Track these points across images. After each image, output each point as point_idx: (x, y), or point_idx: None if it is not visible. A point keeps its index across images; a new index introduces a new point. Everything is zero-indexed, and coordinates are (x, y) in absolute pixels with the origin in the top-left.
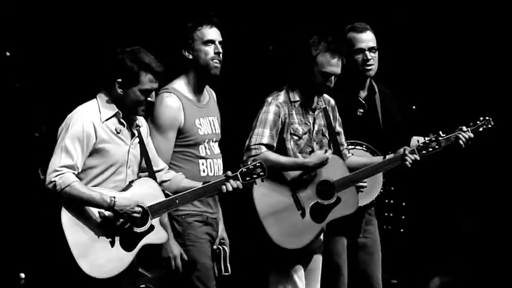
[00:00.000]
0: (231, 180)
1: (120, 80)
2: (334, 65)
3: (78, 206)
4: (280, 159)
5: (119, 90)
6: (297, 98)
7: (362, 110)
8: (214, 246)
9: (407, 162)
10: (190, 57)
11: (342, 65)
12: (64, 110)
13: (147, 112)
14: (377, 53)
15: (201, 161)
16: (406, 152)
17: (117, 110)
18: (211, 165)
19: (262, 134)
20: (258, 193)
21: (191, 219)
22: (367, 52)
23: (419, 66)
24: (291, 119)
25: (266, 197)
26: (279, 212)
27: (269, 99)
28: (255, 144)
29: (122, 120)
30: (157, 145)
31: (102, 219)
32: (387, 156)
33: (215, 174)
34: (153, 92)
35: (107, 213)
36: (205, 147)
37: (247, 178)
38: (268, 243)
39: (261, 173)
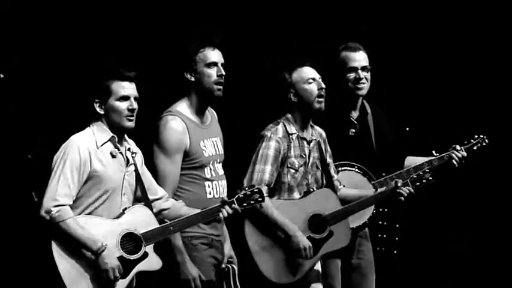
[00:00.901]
0: (227, 207)
1: (96, 99)
2: (310, 72)
3: (69, 242)
4: (273, 214)
5: (100, 110)
6: (294, 131)
7: (354, 130)
8: (223, 265)
9: (401, 197)
10: (193, 79)
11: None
12: (58, 133)
13: (150, 136)
14: (369, 73)
15: (207, 183)
16: (399, 185)
17: (112, 134)
18: (217, 186)
19: (264, 171)
20: (250, 229)
21: (196, 241)
22: (359, 71)
23: (412, 85)
24: (289, 152)
25: (257, 232)
26: (271, 247)
27: (268, 133)
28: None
29: (117, 144)
30: (163, 169)
31: (89, 259)
32: (379, 189)
33: (220, 196)
34: (135, 97)
35: (93, 257)
36: (210, 169)
37: (244, 204)
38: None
39: (258, 199)
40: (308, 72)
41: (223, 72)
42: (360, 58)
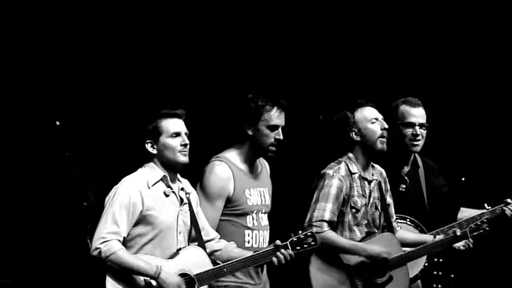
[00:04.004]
0: (282, 250)
1: (148, 140)
2: (374, 112)
3: (123, 273)
4: (341, 241)
5: (153, 150)
6: (356, 170)
7: (404, 186)
8: None
9: (460, 244)
10: (250, 133)
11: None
12: (112, 180)
13: (196, 179)
14: (426, 130)
15: (247, 231)
16: (458, 234)
17: (163, 173)
18: (257, 236)
19: (324, 209)
20: (314, 269)
21: None
22: (417, 127)
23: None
24: (351, 192)
25: (321, 273)
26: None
27: (330, 172)
28: (317, 221)
29: (169, 183)
30: (204, 213)
31: (146, 286)
32: (437, 237)
33: (259, 246)
34: (185, 133)
35: (153, 282)
36: (253, 218)
37: (298, 248)
38: None
39: (312, 243)
40: (371, 112)
41: (282, 137)
42: (419, 114)
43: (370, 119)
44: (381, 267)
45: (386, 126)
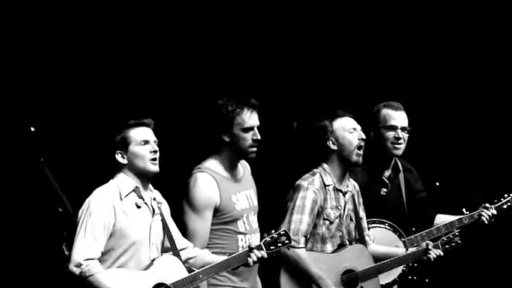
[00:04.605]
0: (255, 251)
1: (117, 150)
2: (352, 122)
3: None
4: (311, 268)
5: (123, 160)
6: (330, 182)
7: (385, 190)
8: None
9: (431, 257)
10: (227, 140)
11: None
12: (87, 185)
13: (179, 191)
14: (408, 134)
15: (239, 236)
16: (430, 247)
17: (135, 185)
18: (250, 240)
19: (301, 221)
20: (285, 280)
21: None
22: (399, 130)
23: (442, 141)
24: (325, 204)
25: (292, 284)
26: None
27: (304, 184)
28: (294, 234)
29: (141, 194)
30: (194, 226)
31: None
32: (409, 249)
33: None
34: (154, 141)
35: None
36: (243, 222)
37: (272, 247)
38: None
39: (285, 241)
40: (350, 122)
41: (259, 137)
42: (401, 117)
43: (348, 128)
44: (351, 280)
45: (363, 136)
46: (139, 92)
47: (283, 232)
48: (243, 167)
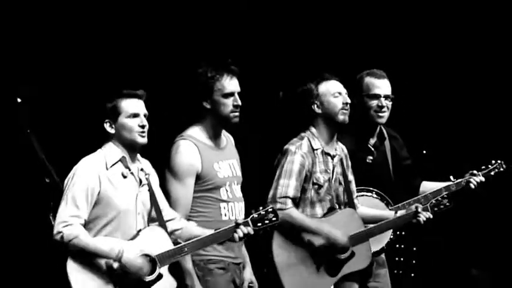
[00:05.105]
0: (242, 227)
1: (106, 119)
2: (337, 86)
3: (85, 257)
4: (305, 221)
5: (111, 130)
6: (318, 145)
7: (371, 157)
8: None
9: (420, 219)
10: (208, 106)
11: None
12: (75, 156)
13: (163, 160)
14: (391, 102)
15: (222, 204)
16: (419, 210)
17: (122, 155)
18: (233, 208)
19: (288, 185)
20: (277, 246)
21: (212, 265)
22: (382, 99)
23: (429, 108)
24: (313, 168)
25: (284, 250)
26: (296, 266)
27: (292, 148)
28: (281, 197)
29: (128, 165)
30: (176, 192)
31: (108, 269)
32: (399, 212)
33: (236, 218)
34: (144, 114)
35: (115, 264)
36: (226, 191)
37: (259, 224)
38: None
39: (273, 219)
40: (335, 85)
41: (240, 103)
42: (384, 85)
43: (333, 92)
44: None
45: (348, 101)
46: (128, 61)
47: (271, 209)
48: (226, 138)
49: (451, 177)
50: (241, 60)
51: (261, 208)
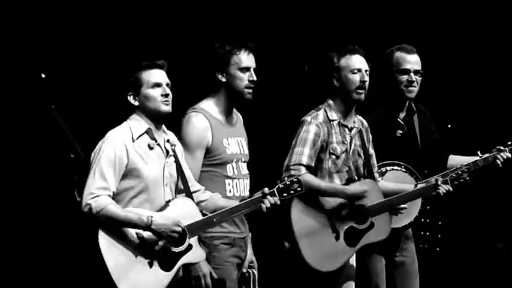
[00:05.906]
0: (269, 197)
1: (129, 92)
2: (358, 62)
3: (116, 227)
4: (320, 184)
5: (134, 102)
6: (335, 117)
7: (401, 132)
8: (244, 270)
9: (440, 192)
10: (224, 80)
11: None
12: (99, 131)
13: (173, 132)
14: (421, 77)
15: (227, 180)
16: (439, 183)
17: (148, 126)
18: (238, 185)
19: (302, 153)
20: (296, 214)
21: (217, 241)
22: (412, 74)
23: (456, 83)
24: (330, 138)
25: (303, 218)
26: (314, 234)
27: (308, 118)
28: (295, 165)
29: (154, 136)
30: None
31: (140, 240)
32: (419, 185)
33: (241, 195)
34: (167, 84)
35: (145, 233)
36: (232, 167)
37: (285, 194)
38: (300, 266)
39: (298, 189)
40: (356, 61)
41: (255, 78)
42: (414, 61)
43: (352, 68)
44: (362, 214)
45: (366, 79)
46: (148, 34)
47: (296, 179)
48: (237, 116)
49: (479, 153)
50: (264, 34)
51: (286, 178)
